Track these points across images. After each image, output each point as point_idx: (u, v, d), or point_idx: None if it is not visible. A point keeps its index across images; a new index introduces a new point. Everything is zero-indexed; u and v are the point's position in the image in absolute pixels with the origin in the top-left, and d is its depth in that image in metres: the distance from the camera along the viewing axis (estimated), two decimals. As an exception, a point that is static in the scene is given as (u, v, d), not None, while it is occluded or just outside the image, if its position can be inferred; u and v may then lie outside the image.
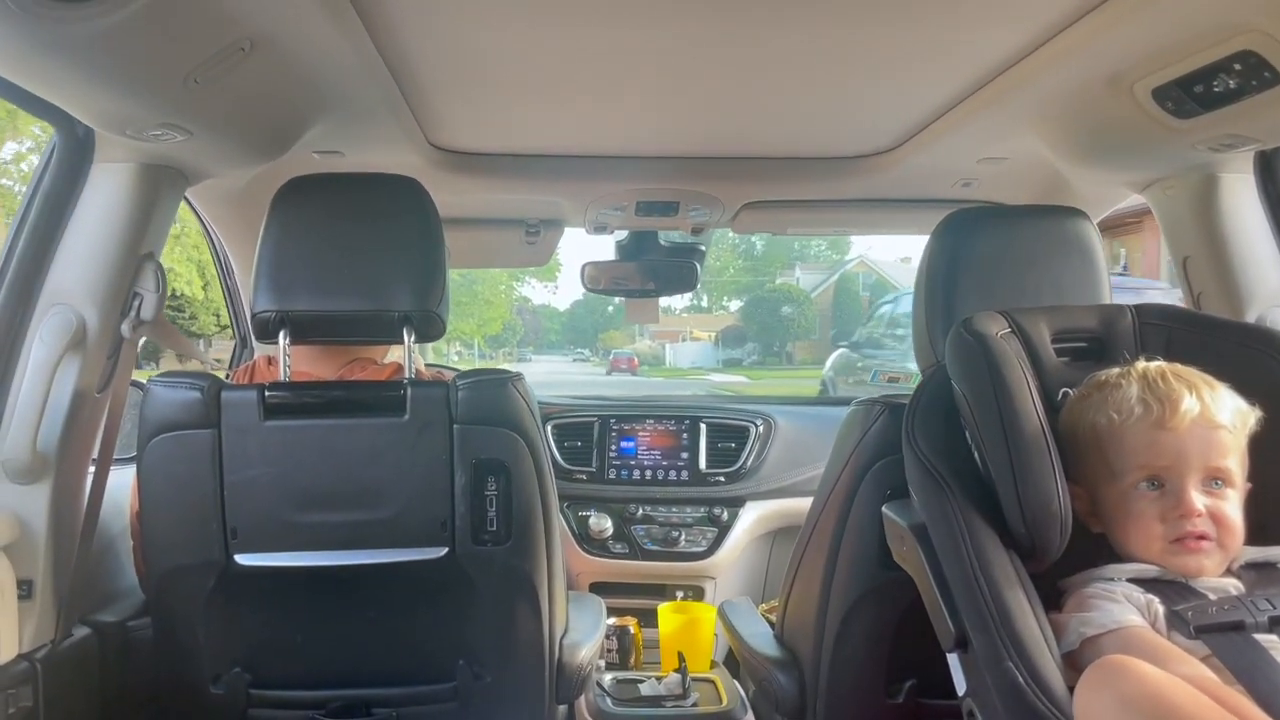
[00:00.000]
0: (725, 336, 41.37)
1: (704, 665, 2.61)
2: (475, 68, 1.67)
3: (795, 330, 37.78)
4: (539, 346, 47.94)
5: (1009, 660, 1.13)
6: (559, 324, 50.81)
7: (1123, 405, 1.24)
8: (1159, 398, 1.22)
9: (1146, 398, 1.22)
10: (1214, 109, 1.46)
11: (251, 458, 1.52)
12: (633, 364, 35.44)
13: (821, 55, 1.60)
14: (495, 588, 1.61)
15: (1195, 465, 1.20)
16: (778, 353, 38.27)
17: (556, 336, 50.26)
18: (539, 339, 48.55)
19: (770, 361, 37.27)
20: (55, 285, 1.55)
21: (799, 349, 36.99)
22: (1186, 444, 1.20)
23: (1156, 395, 1.22)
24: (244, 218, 2.30)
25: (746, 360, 38.14)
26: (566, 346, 49.05)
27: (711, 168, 2.35)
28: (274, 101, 1.62)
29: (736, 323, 42.44)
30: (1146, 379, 1.25)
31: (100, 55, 1.18)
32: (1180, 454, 1.20)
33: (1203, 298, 1.87)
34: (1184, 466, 1.20)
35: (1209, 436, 1.20)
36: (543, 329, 49.60)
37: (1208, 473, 1.20)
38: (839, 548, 1.69)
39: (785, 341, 38.38)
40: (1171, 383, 1.23)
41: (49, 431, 1.53)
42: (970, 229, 1.65)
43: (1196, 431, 1.20)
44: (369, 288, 1.58)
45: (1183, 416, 1.20)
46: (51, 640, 1.54)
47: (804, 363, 32.52)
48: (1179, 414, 1.20)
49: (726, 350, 39.90)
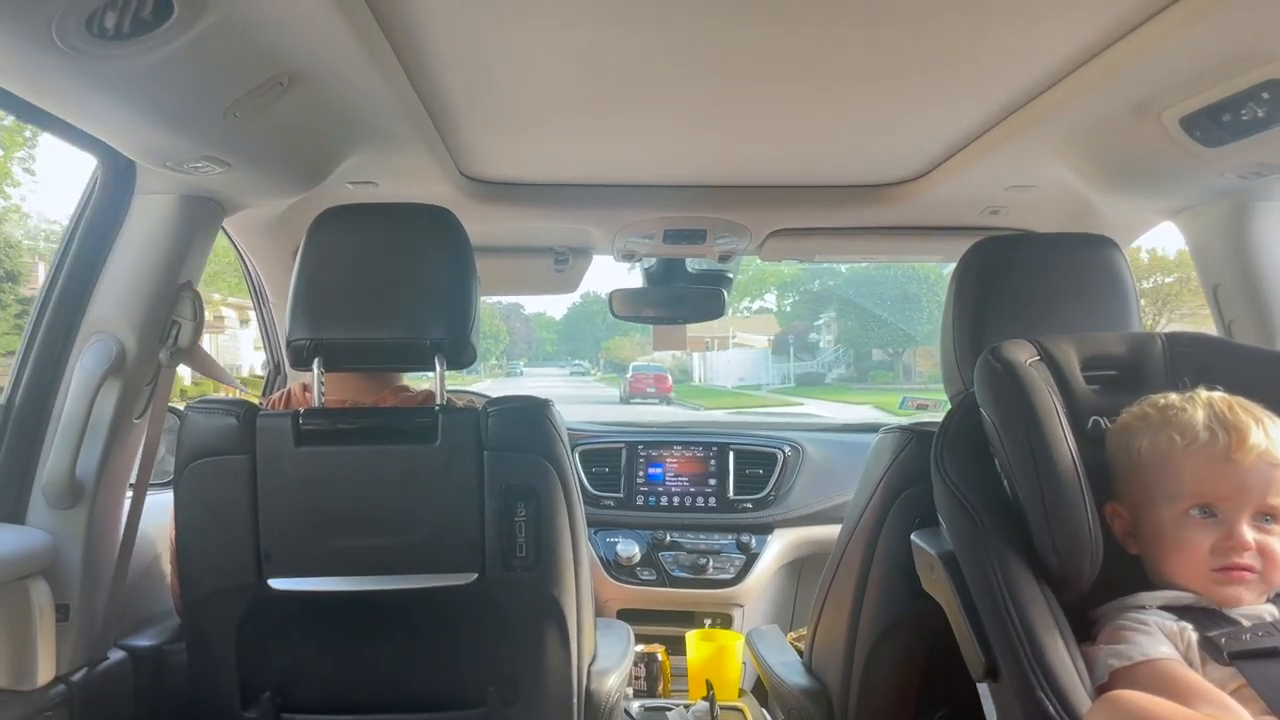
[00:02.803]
0: (786, 340, 30.60)
1: (732, 694, 2.60)
2: (507, 100, 1.69)
3: (914, 332, 26.22)
4: (533, 358, 45.03)
5: (1040, 691, 1.12)
6: (554, 333, 47.87)
7: (1188, 429, 1.22)
8: (1227, 427, 1.20)
9: (1214, 426, 1.20)
10: (1242, 137, 1.46)
11: (285, 483, 1.54)
12: (663, 384, 24.57)
13: (848, 86, 1.61)
14: (524, 614, 1.61)
15: (1253, 499, 1.18)
16: (888, 364, 28.23)
17: (553, 347, 47.42)
18: (533, 350, 45.72)
19: (880, 376, 27.25)
20: (97, 314, 1.59)
21: (924, 358, 26.15)
22: (1248, 477, 1.18)
23: (1224, 425, 1.20)
24: (279, 247, 2.34)
25: (831, 376, 28.93)
26: (564, 358, 45.66)
27: (739, 196, 2.36)
28: (310, 135, 1.65)
29: (795, 322, 31.34)
30: (1213, 407, 1.23)
31: (143, 90, 1.22)
32: (1241, 486, 1.18)
33: (1234, 325, 1.86)
34: (1242, 499, 1.18)
35: (1270, 473, 1.18)
36: (537, 339, 47.00)
37: (1262, 508, 1.18)
38: (868, 576, 1.69)
39: (900, 347, 27.26)
40: (1240, 414, 1.21)
41: (88, 457, 1.56)
42: (998, 256, 1.65)
43: (1260, 466, 1.18)
44: (401, 316, 1.59)
45: (1250, 450, 1.18)
46: (88, 664, 1.56)
47: (933, 378, 16.57)
48: (1246, 446, 1.18)
49: (788, 361, 29.75)
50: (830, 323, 31.79)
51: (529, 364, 43.91)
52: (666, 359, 29.28)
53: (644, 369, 26.12)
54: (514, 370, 39.61)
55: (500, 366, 39.92)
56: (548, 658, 1.64)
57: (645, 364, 27.36)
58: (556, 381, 35.20)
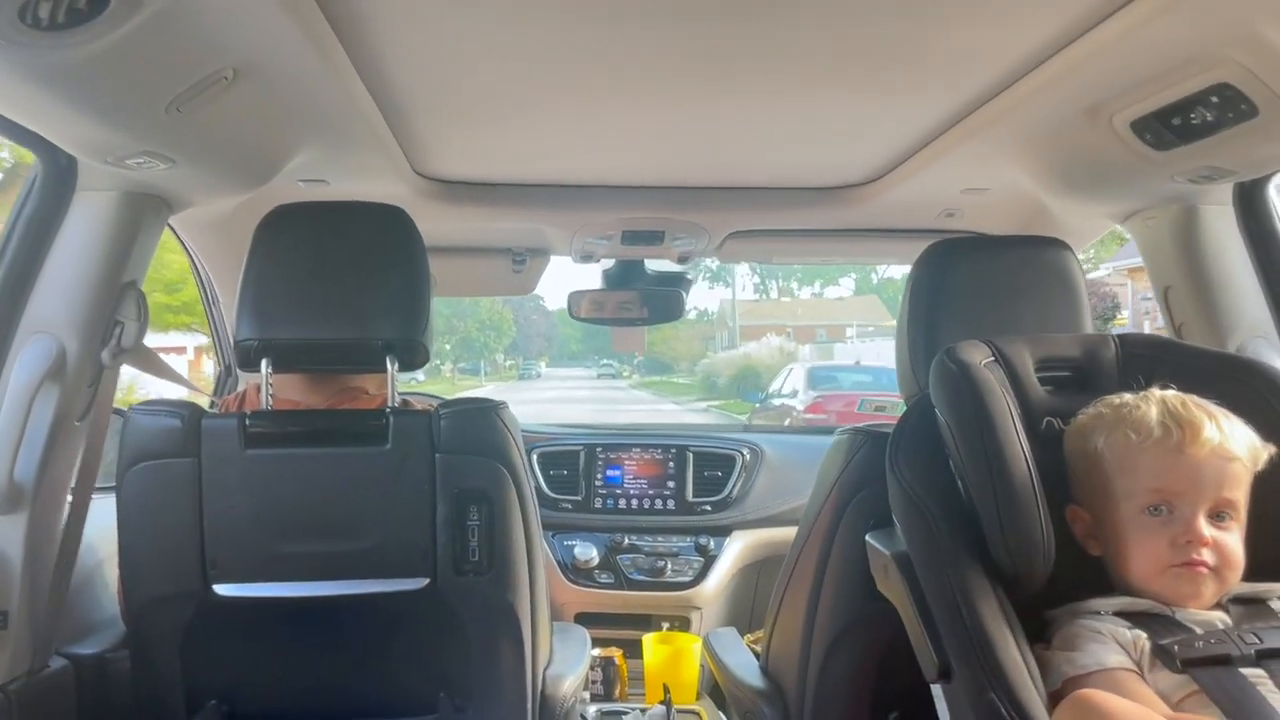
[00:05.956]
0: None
1: (689, 697, 2.59)
2: (461, 97, 1.68)
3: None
4: (554, 357, 39.63)
5: (992, 691, 1.13)
6: (578, 329, 39.59)
7: (1142, 426, 1.22)
8: (1180, 422, 1.20)
9: (1168, 422, 1.21)
10: (1192, 141, 1.47)
11: (232, 487, 1.51)
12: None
13: (805, 87, 1.61)
14: (477, 619, 1.59)
15: (1208, 494, 1.19)
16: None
17: (578, 345, 41.33)
18: (554, 348, 40.23)
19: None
20: (36, 313, 1.54)
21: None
22: (1202, 471, 1.19)
23: (1177, 420, 1.21)
24: (228, 246, 2.29)
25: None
26: (590, 356, 38.71)
27: (697, 197, 2.36)
28: (257, 131, 1.62)
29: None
30: (1167, 404, 1.24)
31: (81, 83, 1.18)
32: (1195, 481, 1.19)
33: (1184, 328, 1.88)
34: (1196, 494, 1.19)
35: (1224, 468, 1.19)
36: (559, 336, 40.96)
37: (1218, 504, 1.19)
38: (823, 578, 1.68)
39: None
40: (1193, 410, 1.22)
41: (27, 461, 1.51)
42: (953, 259, 1.66)
43: (1213, 461, 1.19)
44: (352, 316, 1.57)
45: (1203, 444, 1.19)
46: (28, 672, 1.52)
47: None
48: (1199, 441, 1.19)
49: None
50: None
51: (550, 364, 37.75)
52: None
53: (832, 377, 13.90)
54: (529, 372, 32.89)
55: (515, 367, 33.97)
56: (501, 662, 1.62)
57: (830, 368, 15.10)
58: (581, 386, 27.75)
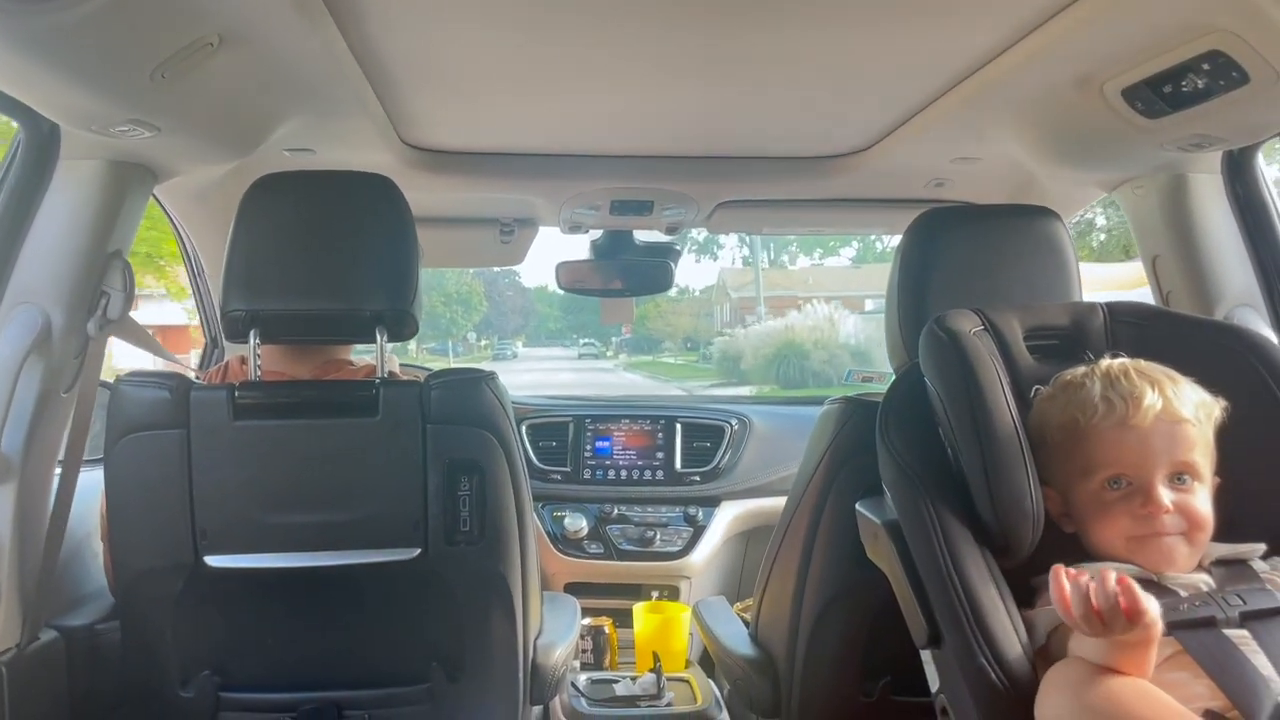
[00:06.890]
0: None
1: (679, 665, 2.61)
2: (448, 65, 1.66)
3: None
4: (532, 337, 37.22)
5: (981, 656, 1.14)
6: (557, 307, 38.52)
7: (1086, 405, 1.24)
8: (1121, 395, 1.22)
9: (1109, 395, 1.23)
10: (1182, 109, 1.47)
11: (221, 458, 1.51)
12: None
13: (794, 56, 1.60)
14: (468, 589, 1.59)
15: (1161, 461, 1.20)
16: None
17: (555, 324, 38.92)
18: (531, 326, 38.15)
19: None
20: (20, 284, 1.53)
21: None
22: (1151, 440, 1.20)
23: (1119, 393, 1.22)
24: (214, 216, 2.27)
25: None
26: (569, 335, 36.74)
27: (686, 167, 2.34)
28: (243, 98, 1.60)
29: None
30: (1109, 377, 1.25)
31: (64, 50, 1.17)
32: (1145, 450, 1.20)
33: (1171, 296, 1.89)
34: (1149, 463, 1.20)
35: (1173, 431, 1.20)
36: (537, 314, 38.90)
37: (1174, 468, 1.20)
38: (813, 547, 1.69)
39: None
40: (1134, 379, 1.23)
41: (13, 433, 1.50)
42: (943, 228, 1.66)
43: (1160, 427, 1.20)
44: (340, 287, 1.56)
45: (1145, 413, 1.20)
46: (17, 644, 1.51)
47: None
48: (1141, 410, 1.20)
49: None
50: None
51: (527, 343, 35.77)
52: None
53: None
54: (504, 352, 31.10)
55: (490, 346, 32.02)
56: (493, 632, 1.62)
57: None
58: (561, 368, 25.78)
